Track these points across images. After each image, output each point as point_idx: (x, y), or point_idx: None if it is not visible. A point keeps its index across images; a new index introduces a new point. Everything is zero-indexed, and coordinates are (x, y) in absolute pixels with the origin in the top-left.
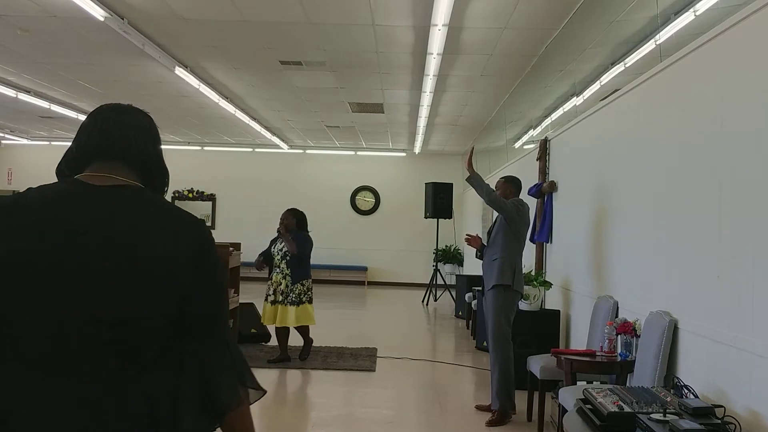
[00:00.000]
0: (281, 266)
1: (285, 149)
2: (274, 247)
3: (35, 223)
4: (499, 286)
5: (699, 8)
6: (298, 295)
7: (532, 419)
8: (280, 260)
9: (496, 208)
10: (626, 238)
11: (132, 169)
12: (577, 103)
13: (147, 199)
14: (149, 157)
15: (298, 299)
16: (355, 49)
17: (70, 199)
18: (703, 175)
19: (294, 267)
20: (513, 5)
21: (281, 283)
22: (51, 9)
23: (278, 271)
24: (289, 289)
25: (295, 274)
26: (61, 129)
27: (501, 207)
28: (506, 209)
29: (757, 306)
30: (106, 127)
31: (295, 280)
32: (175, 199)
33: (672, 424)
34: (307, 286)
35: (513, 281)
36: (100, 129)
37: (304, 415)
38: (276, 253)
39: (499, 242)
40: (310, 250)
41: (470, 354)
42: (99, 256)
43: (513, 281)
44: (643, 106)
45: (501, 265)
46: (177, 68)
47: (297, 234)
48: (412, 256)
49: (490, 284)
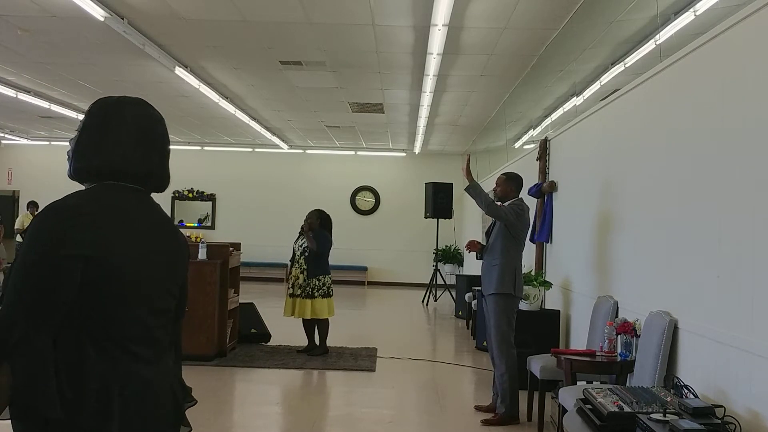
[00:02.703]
0: (300, 261)
1: (285, 149)
2: (295, 243)
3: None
4: (500, 294)
5: (699, 8)
6: (312, 289)
7: (532, 419)
8: (299, 256)
9: (496, 217)
10: (626, 237)
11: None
12: (577, 103)
13: (155, 203)
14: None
15: (311, 293)
16: (355, 49)
17: (136, 206)
18: (703, 174)
19: (311, 263)
20: (513, 5)
21: (299, 277)
22: (51, 9)
23: (297, 266)
24: (306, 283)
25: (310, 269)
26: (61, 129)
27: (500, 216)
28: (506, 218)
29: (757, 306)
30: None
31: (311, 275)
32: (175, 199)
33: (672, 424)
34: (323, 282)
35: (514, 288)
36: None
37: (304, 414)
38: (297, 248)
39: (498, 247)
40: (329, 249)
41: (470, 354)
42: (157, 255)
43: (514, 288)
44: (643, 106)
45: (501, 272)
46: (177, 68)
47: (318, 233)
48: (412, 256)
49: (489, 290)
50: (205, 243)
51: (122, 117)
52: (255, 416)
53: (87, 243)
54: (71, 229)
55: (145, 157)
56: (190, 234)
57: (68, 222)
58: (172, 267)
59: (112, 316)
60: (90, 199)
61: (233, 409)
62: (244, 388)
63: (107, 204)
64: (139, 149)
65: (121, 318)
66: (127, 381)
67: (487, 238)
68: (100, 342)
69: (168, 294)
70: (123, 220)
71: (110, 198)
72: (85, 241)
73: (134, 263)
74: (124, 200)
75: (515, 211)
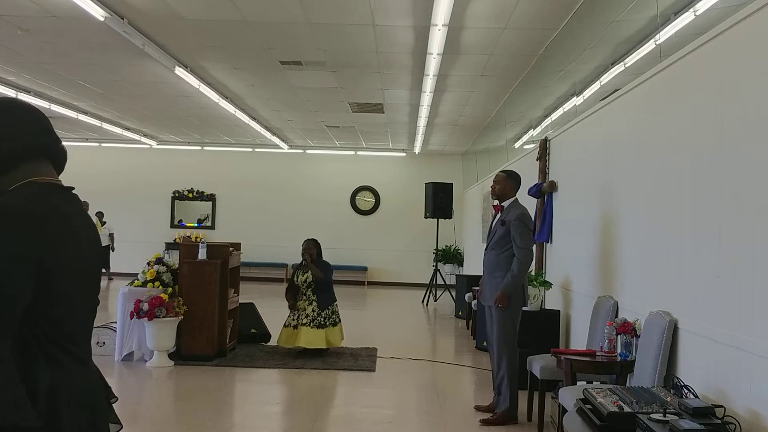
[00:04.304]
0: (307, 294)
1: (285, 149)
2: (297, 279)
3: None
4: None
5: (699, 8)
6: (323, 319)
7: (532, 419)
8: (306, 289)
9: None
10: (626, 237)
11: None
12: (577, 103)
13: (79, 201)
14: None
15: (323, 323)
16: (355, 49)
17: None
18: (702, 174)
19: (320, 293)
20: (513, 5)
21: (306, 309)
22: (51, 9)
23: (305, 298)
24: (316, 314)
25: (321, 300)
26: (61, 129)
27: (530, 258)
28: (529, 247)
29: (757, 306)
30: (49, 126)
31: (323, 305)
32: (175, 199)
33: (672, 424)
34: (332, 309)
35: (524, 299)
36: (45, 128)
37: (304, 414)
38: (301, 284)
39: (504, 260)
40: (332, 274)
41: (470, 354)
42: (92, 254)
43: (524, 299)
44: (643, 106)
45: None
46: (177, 68)
47: (320, 262)
48: (412, 256)
49: (493, 299)
50: (205, 243)
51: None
52: (255, 416)
53: (40, 244)
54: (24, 231)
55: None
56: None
57: (21, 223)
58: (99, 265)
59: (58, 318)
60: (31, 200)
61: (233, 409)
62: (244, 388)
63: (47, 204)
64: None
65: (65, 319)
66: (72, 383)
67: (488, 237)
68: (45, 345)
69: (95, 293)
70: (63, 221)
71: (47, 197)
72: (38, 242)
73: (77, 263)
74: (56, 197)
75: (525, 233)
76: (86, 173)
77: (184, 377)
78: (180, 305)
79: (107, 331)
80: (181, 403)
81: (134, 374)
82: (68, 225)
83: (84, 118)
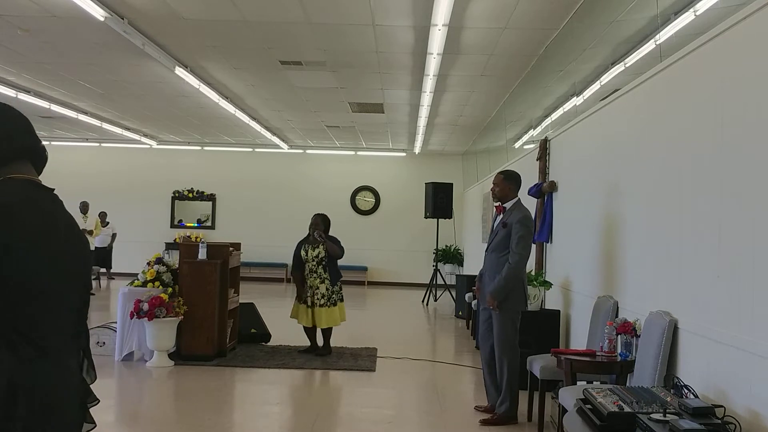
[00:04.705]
0: (318, 271)
1: (285, 149)
2: (306, 254)
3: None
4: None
5: (699, 8)
6: (335, 295)
7: (532, 419)
8: (317, 266)
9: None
10: (626, 237)
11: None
12: (577, 103)
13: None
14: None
15: (335, 300)
16: (355, 49)
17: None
18: (702, 174)
19: (332, 269)
20: (513, 5)
21: (318, 287)
22: (51, 9)
23: (315, 276)
24: (331, 291)
25: (333, 275)
26: (61, 129)
27: (526, 256)
28: (528, 245)
29: (757, 306)
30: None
31: (334, 280)
32: (175, 199)
33: (672, 424)
34: (339, 286)
35: (524, 301)
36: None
37: (304, 414)
38: (311, 259)
39: (505, 263)
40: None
41: (470, 354)
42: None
43: (524, 301)
44: (643, 106)
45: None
46: (177, 68)
47: (331, 238)
48: (412, 256)
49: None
50: (205, 243)
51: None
52: (255, 416)
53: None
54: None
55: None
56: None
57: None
58: (85, 264)
59: (24, 311)
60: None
61: (233, 409)
62: (244, 388)
63: (20, 195)
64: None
65: (32, 313)
66: (33, 376)
67: (490, 236)
68: (6, 335)
69: (78, 291)
70: (42, 216)
71: (20, 189)
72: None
73: (57, 260)
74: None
75: (524, 239)
76: (86, 173)
77: (184, 377)
78: (180, 305)
79: (107, 331)
80: (181, 403)
81: (134, 374)
82: (48, 221)
83: (84, 118)
